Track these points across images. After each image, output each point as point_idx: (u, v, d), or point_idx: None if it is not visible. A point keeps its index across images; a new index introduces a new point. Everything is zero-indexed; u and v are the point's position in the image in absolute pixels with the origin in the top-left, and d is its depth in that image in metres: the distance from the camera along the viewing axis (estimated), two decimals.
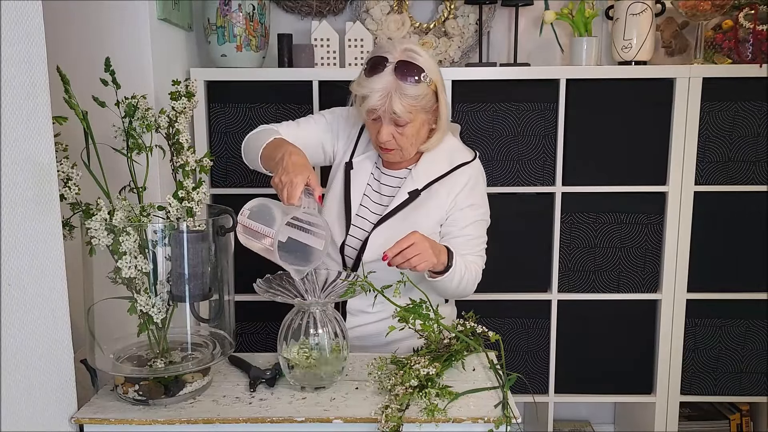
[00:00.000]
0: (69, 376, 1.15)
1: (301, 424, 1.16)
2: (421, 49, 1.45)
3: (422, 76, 1.40)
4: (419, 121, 1.45)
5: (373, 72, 1.40)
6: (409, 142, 1.46)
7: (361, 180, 1.56)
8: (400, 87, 1.38)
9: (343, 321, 1.31)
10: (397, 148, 1.47)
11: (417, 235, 1.35)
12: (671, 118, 2.16)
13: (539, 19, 2.39)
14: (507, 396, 1.20)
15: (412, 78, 1.39)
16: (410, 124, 1.43)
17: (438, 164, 1.53)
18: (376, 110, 1.41)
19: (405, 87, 1.38)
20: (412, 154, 1.51)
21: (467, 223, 1.52)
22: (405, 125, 1.43)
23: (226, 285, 1.27)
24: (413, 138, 1.46)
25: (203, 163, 1.28)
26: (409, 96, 1.39)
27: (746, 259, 2.24)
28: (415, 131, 1.45)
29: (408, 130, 1.44)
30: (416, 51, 1.42)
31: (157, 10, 1.86)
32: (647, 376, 2.34)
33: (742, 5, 2.19)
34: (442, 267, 1.41)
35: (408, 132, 1.44)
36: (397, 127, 1.43)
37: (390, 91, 1.39)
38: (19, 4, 0.98)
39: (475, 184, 1.54)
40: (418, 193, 1.50)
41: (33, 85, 1.01)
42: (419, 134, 1.47)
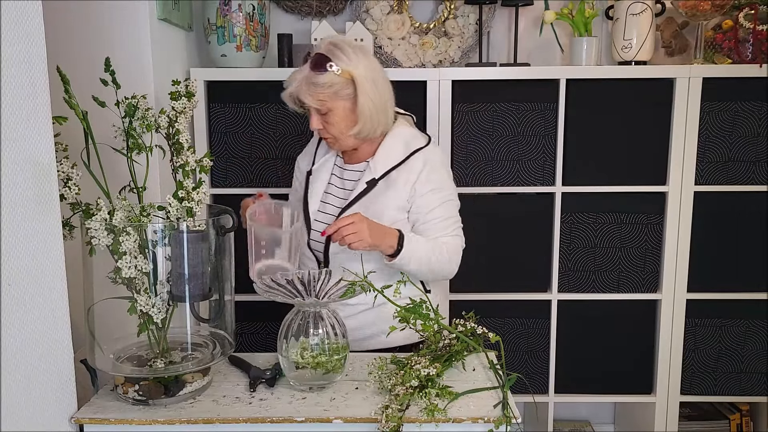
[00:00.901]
0: (69, 376, 1.15)
1: (301, 424, 1.16)
2: (348, 44, 1.53)
3: (328, 65, 1.48)
4: (341, 109, 1.52)
5: (302, 65, 1.54)
6: (338, 129, 1.54)
7: (319, 185, 1.66)
8: (309, 77, 1.49)
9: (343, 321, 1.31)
10: (331, 137, 1.56)
11: (357, 216, 1.45)
12: (671, 118, 2.16)
13: (539, 19, 2.39)
14: (507, 396, 1.20)
15: (319, 68, 1.49)
16: (332, 113, 1.52)
17: (394, 153, 1.59)
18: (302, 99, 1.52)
19: (313, 76, 1.49)
20: (348, 141, 1.57)
21: (432, 207, 1.58)
22: (327, 113, 1.52)
23: (226, 285, 1.27)
24: (341, 125, 1.54)
25: (203, 163, 1.28)
26: (317, 84, 1.49)
27: (746, 259, 2.24)
28: (340, 119, 1.53)
29: (332, 119, 1.53)
30: (338, 45, 1.51)
31: (157, 10, 1.86)
32: (647, 376, 2.34)
33: (742, 5, 2.19)
34: (391, 250, 1.49)
35: (332, 120, 1.53)
36: (321, 115, 1.53)
37: (305, 80, 1.50)
38: (19, 4, 0.98)
39: (431, 169, 1.58)
40: (375, 182, 1.57)
41: (33, 85, 1.01)
42: (347, 122, 1.53)
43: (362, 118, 1.53)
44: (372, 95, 1.52)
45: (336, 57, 1.49)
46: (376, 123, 1.55)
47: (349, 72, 1.49)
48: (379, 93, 1.54)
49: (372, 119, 1.54)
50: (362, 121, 1.53)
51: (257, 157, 2.20)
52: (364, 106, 1.52)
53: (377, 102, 1.53)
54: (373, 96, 1.52)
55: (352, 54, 1.50)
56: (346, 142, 1.57)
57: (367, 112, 1.53)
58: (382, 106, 1.55)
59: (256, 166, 2.20)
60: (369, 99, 1.52)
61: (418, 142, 1.61)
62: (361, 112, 1.52)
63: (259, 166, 2.20)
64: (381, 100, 1.54)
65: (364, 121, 1.53)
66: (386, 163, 1.58)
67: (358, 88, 1.50)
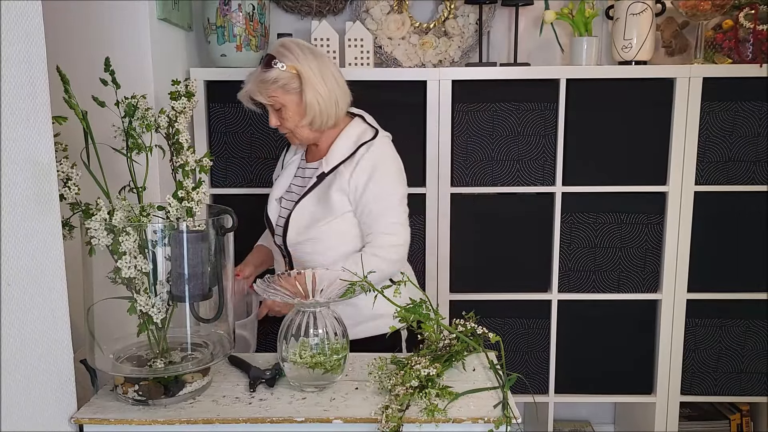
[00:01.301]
0: (69, 376, 1.15)
1: (301, 424, 1.16)
2: (296, 44, 1.64)
3: (273, 62, 1.60)
4: (292, 103, 1.63)
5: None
6: (292, 123, 1.65)
7: (278, 190, 1.79)
8: (258, 75, 1.63)
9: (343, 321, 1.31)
10: (288, 131, 1.68)
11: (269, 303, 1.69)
12: (671, 118, 2.16)
13: (539, 19, 2.39)
14: (507, 396, 1.20)
15: (266, 65, 1.62)
16: (285, 108, 1.64)
17: (344, 150, 1.69)
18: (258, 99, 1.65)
19: (261, 74, 1.62)
20: (303, 133, 1.68)
21: (367, 202, 1.65)
22: (281, 109, 1.64)
23: (226, 285, 1.27)
24: (295, 119, 1.65)
25: (203, 163, 1.28)
26: (265, 81, 1.61)
27: (746, 259, 2.24)
28: (292, 113, 1.64)
29: (285, 113, 1.64)
30: (285, 45, 1.63)
31: (157, 10, 1.86)
32: (647, 376, 2.34)
33: (742, 5, 2.19)
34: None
35: (286, 115, 1.64)
36: (276, 111, 1.65)
37: (257, 78, 1.63)
38: (19, 4, 0.98)
39: (373, 166, 1.65)
40: (324, 176, 1.68)
41: (33, 85, 1.01)
42: (299, 114, 1.64)
43: (310, 109, 1.63)
44: (319, 88, 1.63)
45: (282, 55, 1.61)
46: (326, 115, 1.65)
47: (294, 67, 1.61)
48: (327, 87, 1.64)
49: (321, 111, 1.64)
50: (311, 112, 1.63)
51: (257, 157, 2.20)
52: (311, 98, 1.62)
53: (325, 95, 1.63)
54: (320, 89, 1.63)
55: (298, 51, 1.62)
56: (302, 134, 1.68)
57: (314, 103, 1.63)
58: (331, 100, 1.65)
59: (255, 166, 2.20)
60: (315, 91, 1.62)
61: (366, 136, 1.70)
62: (309, 103, 1.62)
63: (258, 166, 2.20)
64: (329, 93, 1.64)
65: (313, 112, 1.63)
66: (336, 158, 1.68)
67: (304, 82, 1.61)
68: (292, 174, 1.80)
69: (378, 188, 1.64)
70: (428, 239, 2.21)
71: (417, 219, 2.20)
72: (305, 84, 1.62)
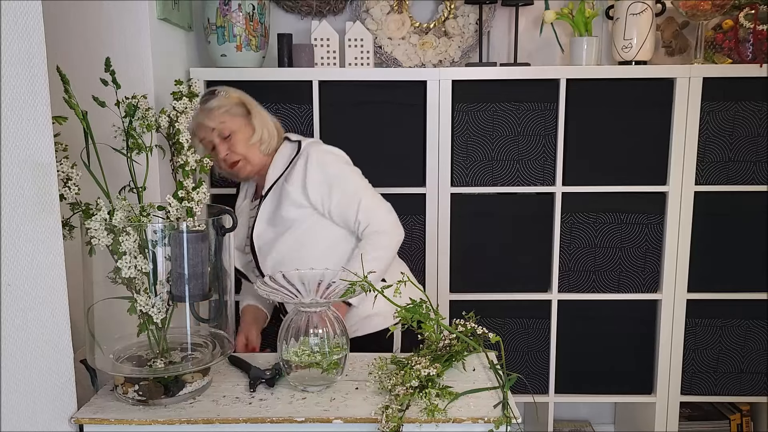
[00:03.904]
0: (69, 376, 1.15)
1: (301, 424, 1.16)
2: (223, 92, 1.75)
3: (215, 92, 1.71)
4: (239, 126, 1.70)
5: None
6: (243, 147, 1.70)
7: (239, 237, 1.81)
8: (202, 109, 1.69)
9: (343, 321, 1.31)
10: (240, 158, 1.71)
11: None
12: (671, 118, 2.16)
13: (539, 19, 2.39)
14: (507, 396, 1.20)
15: (206, 98, 1.71)
16: (234, 134, 1.69)
17: (277, 168, 1.74)
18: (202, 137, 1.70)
19: (206, 105, 1.69)
20: (255, 158, 1.73)
21: (328, 201, 1.69)
22: (229, 136, 1.69)
23: (226, 285, 1.27)
24: (245, 144, 1.70)
25: (203, 163, 1.28)
26: (210, 108, 1.68)
27: (746, 259, 2.24)
28: (241, 137, 1.70)
29: (234, 139, 1.70)
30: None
31: (157, 10, 1.86)
32: (647, 376, 2.34)
33: (742, 5, 2.19)
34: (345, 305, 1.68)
35: (235, 140, 1.70)
36: (224, 140, 1.69)
37: (197, 116, 1.68)
38: (19, 4, 0.98)
39: (306, 168, 1.69)
40: (266, 194, 1.73)
41: (33, 85, 1.01)
42: (247, 135, 1.71)
43: (259, 128, 1.71)
44: (260, 110, 1.75)
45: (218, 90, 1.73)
46: (271, 132, 1.74)
47: (232, 95, 1.73)
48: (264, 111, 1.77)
49: (269, 131, 1.73)
50: (259, 131, 1.71)
51: None
52: (257, 115, 1.73)
53: (266, 115, 1.75)
54: (261, 110, 1.75)
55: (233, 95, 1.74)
56: (254, 158, 1.72)
57: (260, 120, 1.73)
58: (270, 121, 1.76)
59: None
60: (258, 110, 1.74)
61: (292, 150, 1.75)
62: (256, 120, 1.72)
63: None
64: (267, 115, 1.76)
65: (261, 131, 1.72)
66: (273, 176, 1.74)
67: (247, 102, 1.73)
68: (246, 217, 1.83)
69: (329, 185, 1.69)
70: (428, 239, 2.21)
71: (417, 219, 2.20)
72: (248, 104, 1.73)
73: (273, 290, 1.29)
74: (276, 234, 1.72)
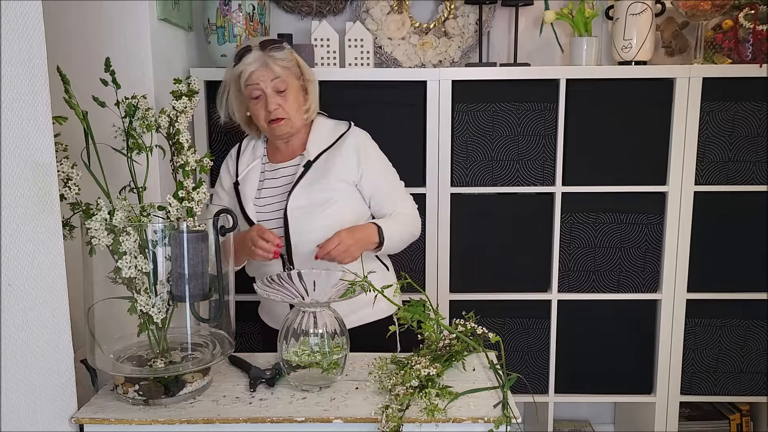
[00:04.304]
0: (69, 376, 1.15)
1: (301, 424, 1.16)
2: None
3: (283, 44, 1.68)
4: (295, 87, 1.68)
5: (241, 56, 1.66)
6: (293, 108, 1.67)
7: (249, 189, 1.74)
8: (268, 55, 1.64)
9: (343, 321, 1.31)
10: (286, 117, 1.66)
11: (342, 234, 1.58)
12: (671, 118, 2.16)
13: (539, 19, 2.39)
14: (507, 396, 1.20)
15: (276, 46, 1.66)
16: (289, 90, 1.66)
17: (323, 139, 1.73)
18: (257, 82, 1.63)
19: (273, 53, 1.64)
20: (298, 122, 1.70)
21: (379, 184, 1.73)
22: (285, 91, 1.65)
23: (226, 285, 1.27)
24: (295, 104, 1.68)
25: (203, 163, 1.28)
26: (279, 59, 1.64)
27: (746, 259, 2.24)
28: (294, 97, 1.67)
29: (289, 96, 1.66)
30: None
31: (157, 10, 1.86)
32: (647, 376, 2.34)
33: (742, 5, 2.19)
34: (374, 245, 1.65)
35: (290, 98, 1.66)
36: (279, 94, 1.65)
37: (263, 60, 1.63)
38: (19, 4, 0.98)
39: (364, 148, 1.73)
40: (311, 163, 1.69)
41: (33, 85, 1.01)
42: (298, 101, 1.69)
43: (312, 93, 1.72)
44: (314, 77, 1.74)
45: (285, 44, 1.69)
46: (315, 106, 1.74)
47: (295, 55, 1.71)
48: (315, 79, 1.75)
49: (315, 100, 1.73)
50: (312, 96, 1.72)
51: None
52: (313, 83, 1.72)
53: (317, 85, 1.75)
54: (314, 78, 1.74)
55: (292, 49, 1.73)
56: (296, 122, 1.69)
57: (313, 88, 1.72)
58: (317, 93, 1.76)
59: None
60: (314, 79, 1.73)
61: (342, 126, 1.76)
62: (312, 87, 1.71)
63: None
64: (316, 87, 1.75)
65: (312, 99, 1.72)
66: (318, 146, 1.71)
67: (303, 69, 1.71)
68: (255, 179, 1.75)
69: (381, 169, 1.75)
70: (428, 239, 2.21)
71: None
72: (305, 72, 1.71)
73: (273, 290, 1.30)
74: (309, 203, 1.66)
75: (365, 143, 1.74)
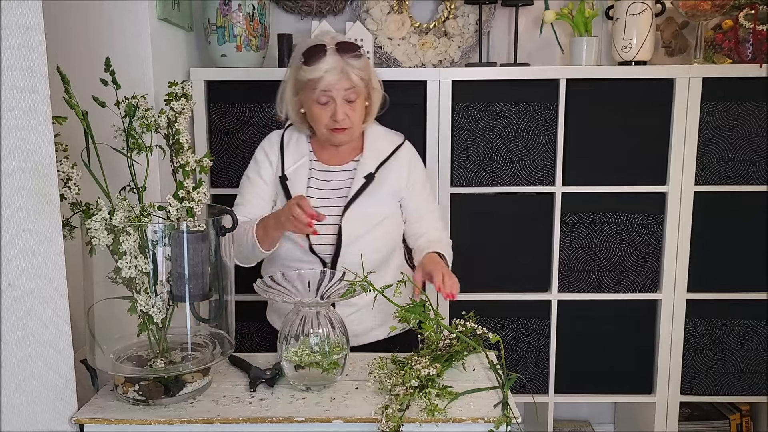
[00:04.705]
0: (69, 376, 1.15)
1: (301, 424, 1.16)
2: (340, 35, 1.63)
3: (361, 50, 1.55)
4: (363, 96, 1.58)
5: (315, 59, 1.51)
6: (359, 117, 1.58)
7: (299, 187, 1.63)
8: (347, 62, 1.52)
9: (343, 321, 1.31)
10: (351, 126, 1.57)
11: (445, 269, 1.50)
12: (671, 118, 2.16)
13: (539, 19, 2.39)
14: (507, 396, 1.20)
15: (355, 52, 1.53)
16: (358, 101, 1.56)
17: (381, 148, 1.67)
18: (330, 90, 1.51)
19: (351, 61, 1.52)
20: (358, 130, 1.62)
21: (423, 201, 1.69)
22: (355, 100, 1.55)
23: (226, 285, 1.27)
24: (361, 113, 1.59)
25: (203, 163, 1.28)
26: (357, 68, 1.53)
27: (746, 259, 2.24)
28: (361, 106, 1.58)
29: (357, 105, 1.56)
30: (341, 37, 1.58)
31: (157, 10, 1.86)
32: (647, 376, 2.34)
33: (742, 5, 2.19)
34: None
35: (357, 107, 1.57)
36: (348, 104, 1.54)
37: (341, 67, 1.51)
38: (19, 4, 0.98)
39: (416, 164, 1.70)
40: (372, 176, 1.62)
41: (33, 85, 1.01)
42: (362, 110, 1.60)
43: (375, 102, 1.62)
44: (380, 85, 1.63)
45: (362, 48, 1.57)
46: (375, 113, 1.65)
47: (368, 62, 1.59)
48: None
49: (377, 108, 1.64)
50: (375, 105, 1.62)
51: None
52: (376, 93, 1.61)
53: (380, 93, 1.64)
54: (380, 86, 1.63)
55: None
56: (358, 130, 1.61)
57: (377, 99, 1.63)
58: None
59: None
60: (377, 88, 1.62)
61: (397, 137, 1.71)
62: (376, 96, 1.62)
63: None
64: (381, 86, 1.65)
65: (374, 107, 1.63)
66: (377, 157, 1.65)
67: (372, 77, 1.60)
68: (304, 177, 1.64)
69: (426, 188, 1.72)
70: None
71: None
72: (373, 78, 1.61)
73: (273, 290, 1.30)
74: (364, 215, 1.59)
75: (417, 158, 1.71)
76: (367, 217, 1.59)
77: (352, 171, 1.64)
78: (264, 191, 1.66)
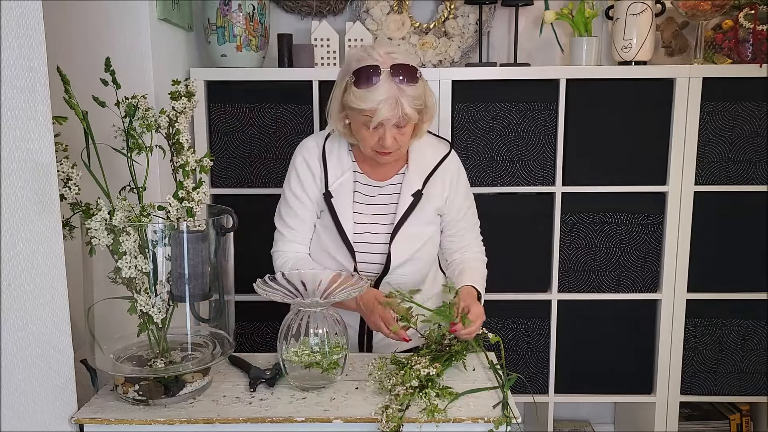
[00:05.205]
0: (69, 376, 1.15)
1: (301, 424, 1.16)
2: (396, 47, 1.52)
3: (418, 74, 1.41)
4: (413, 120, 1.45)
5: (368, 83, 1.38)
6: (407, 140, 1.48)
7: (345, 203, 1.54)
8: (403, 91, 1.38)
9: (343, 321, 1.31)
10: (396, 150, 1.47)
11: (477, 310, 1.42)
12: (671, 118, 2.16)
13: (539, 19, 2.39)
14: (507, 396, 1.20)
15: (412, 79, 1.39)
16: (408, 127, 1.45)
17: (425, 162, 1.57)
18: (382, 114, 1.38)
19: (407, 90, 1.38)
20: (405, 149, 1.52)
21: (465, 215, 1.63)
22: (406, 125, 1.43)
23: (226, 285, 1.27)
24: (410, 134, 1.48)
25: (203, 163, 1.28)
26: (413, 97, 1.39)
27: (746, 259, 2.24)
28: (410, 129, 1.47)
29: (408, 129, 1.45)
30: (397, 52, 1.43)
31: (157, 10, 1.86)
32: (647, 376, 2.34)
33: (742, 5, 2.19)
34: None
35: (407, 131, 1.45)
36: (398, 128, 1.43)
37: (396, 98, 1.38)
38: (19, 4, 0.98)
39: (460, 176, 1.62)
40: (420, 193, 1.54)
41: (33, 85, 1.01)
42: (411, 131, 1.49)
43: (426, 125, 1.50)
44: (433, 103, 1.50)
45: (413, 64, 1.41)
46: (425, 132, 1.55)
47: (424, 85, 1.44)
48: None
49: (429, 124, 1.53)
50: (425, 125, 1.50)
51: (257, 157, 2.20)
52: (428, 113, 1.48)
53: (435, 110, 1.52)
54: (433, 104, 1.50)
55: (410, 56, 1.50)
56: (403, 151, 1.51)
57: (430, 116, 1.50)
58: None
59: (256, 166, 2.20)
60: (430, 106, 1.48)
61: (442, 147, 1.61)
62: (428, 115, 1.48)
63: (258, 166, 2.20)
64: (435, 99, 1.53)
65: (426, 125, 1.51)
66: (421, 173, 1.55)
67: (427, 98, 1.46)
68: (349, 192, 1.55)
69: (469, 201, 1.65)
70: None
71: None
72: (428, 99, 1.46)
73: (273, 290, 1.30)
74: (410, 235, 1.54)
75: (461, 171, 1.62)
76: (415, 237, 1.55)
77: (398, 185, 1.56)
78: (311, 212, 1.58)
